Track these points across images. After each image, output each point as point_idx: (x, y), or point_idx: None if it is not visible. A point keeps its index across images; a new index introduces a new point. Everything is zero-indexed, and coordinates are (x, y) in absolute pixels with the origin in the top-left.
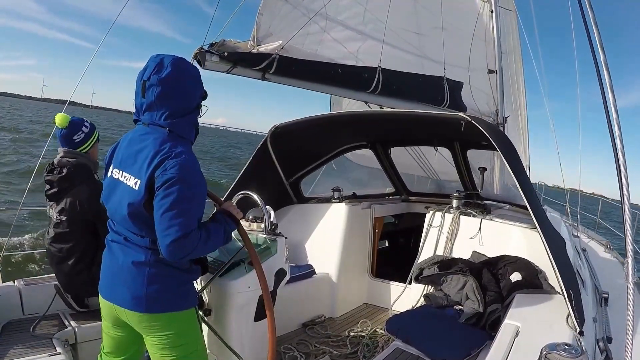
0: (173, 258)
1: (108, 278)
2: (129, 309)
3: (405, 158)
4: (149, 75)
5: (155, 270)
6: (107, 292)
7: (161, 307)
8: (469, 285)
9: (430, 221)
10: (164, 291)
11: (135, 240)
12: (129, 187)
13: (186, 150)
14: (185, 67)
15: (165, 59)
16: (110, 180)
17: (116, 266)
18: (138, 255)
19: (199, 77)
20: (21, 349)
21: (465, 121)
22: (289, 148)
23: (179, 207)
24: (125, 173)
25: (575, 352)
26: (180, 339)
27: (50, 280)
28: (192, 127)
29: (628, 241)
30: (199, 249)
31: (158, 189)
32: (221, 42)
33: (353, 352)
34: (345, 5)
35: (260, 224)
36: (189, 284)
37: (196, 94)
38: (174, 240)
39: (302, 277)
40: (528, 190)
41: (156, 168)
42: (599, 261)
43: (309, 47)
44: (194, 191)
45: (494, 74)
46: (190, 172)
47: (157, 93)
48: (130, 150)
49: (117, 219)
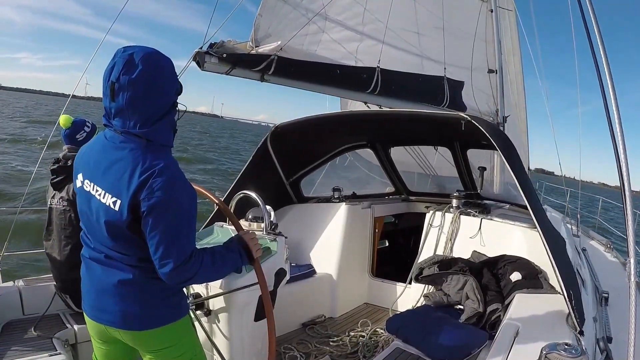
0: (172, 283)
1: (92, 298)
2: (122, 329)
3: (406, 158)
4: (117, 76)
5: (147, 287)
6: (94, 313)
7: (156, 322)
8: (468, 285)
9: (431, 221)
10: (157, 306)
11: (118, 258)
12: (106, 206)
13: (169, 162)
14: (158, 62)
15: (135, 55)
16: (82, 192)
17: (99, 285)
18: (124, 274)
19: (173, 70)
20: (21, 349)
21: (465, 121)
22: (289, 148)
23: (174, 232)
24: (97, 187)
25: (576, 352)
26: (178, 350)
27: (51, 281)
28: (171, 130)
29: (630, 241)
30: (201, 274)
31: (146, 213)
32: (220, 44)
33: (353, 352)
34: (344, 5)
35: (260, 223)
36: (180, 294)
37: (172, 91)
38: (172, 269)
39: (302, 277)
40: (528, 190)
41: (140, 188)
42: (599, 261)
43: (308, 48)
44: (184, 212)
45: (494, 73)
46: (179, 189)
47: (127, 98)
48: (101, 160)
49: (94, 235)
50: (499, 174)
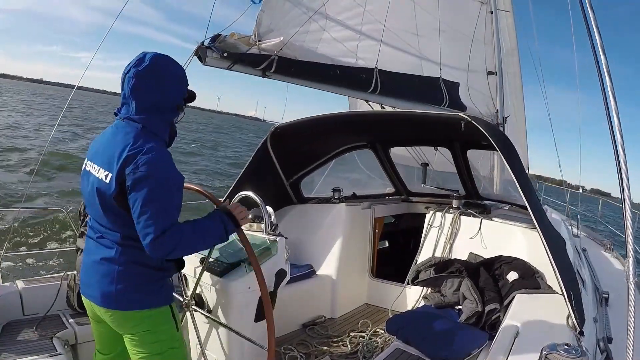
0: (156, 256)
1: (83, 274)
2: (100, 306)
3: (406, 155)
4: (129, 69)
5: (124, 268)
6: (83, 288)
7: (130, 304)
8: (464, 286)
9: (430, 221)
10: (134, 289)
11: (106, 235)
12: (99, 179)
13: (158, 146)
14: (165, 64)
15: (147, 55)
16: (84, 173)
17: (89, 262)
18: (108, 251)
19: (181, 77)
20: (21, 349)
21: (465, 121)
22: (289, 148)
23: (153, 206)
24: (95, 165)
25: (576, 352)
26: (153, 336)
27: (51, 281)
28: (167, 126)
29: (629, 241)
30: (182, 245)
31: (130, 188)
32: (222, 39)
33: (353, 352)
34: (345, 5)
35: (260, 224)
36: (161, 282)
37: (174, 92)
38: (153, 239)
39: (302, 277)
40: (528, 190)
41: (126, 162)
42: (599, 261)
43: (309, 45)
44: (167, 187)
45: (494, 75)
46: (162, 167)
47: (131, 85)
48: (103, 143)
49: (91, 212)
50: (499, 174)
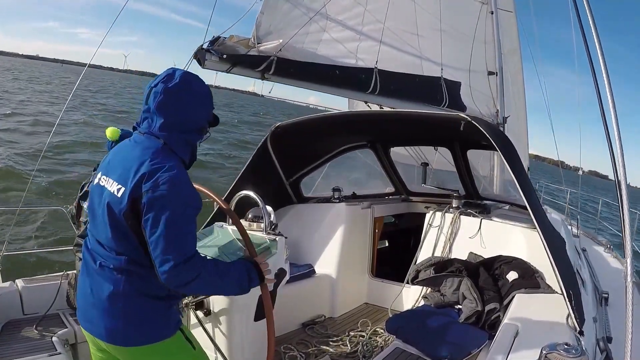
0: (171, 285)
1: (82, 306)
2: (107, 343)
3: (406, 159)
4: (157, 83)
5: (129, 301)
6: (84, 322)
7: (141, 339)
8: (463, 285)
9: (430, 221)
10: (142, 323)
11: (108, 260)
12: (111, 193)
13: (178, 164)
14: (193, 84)
15: (177, 72)
16: (96, 188)
17: (89, 293)
18: (112, 283)
19: (207, 99)
20: (21, 348)
21: (465, 121)
22: (289, 148)
23: (177, 229)
24: (109, 179)
25: (576, 352)
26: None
27: (51, 280)
28: (188, 146)
29: (627, 241)
30: (201, 279)
31: (147, 206)
32: (221, 42)
33: (353, 352)
34: (345, 5)
35: (260, 223)
36: (170, 310)
37: (199, 114)
38: (173, 266)
39: (302, 276)
40: (528, 190)
41: (144, 179)
42: (599, 261)
43: (309, 46)
44: (189, 211)
45: (494, 75)
46: (185, 189)
47: (158, 101)
48: (119, 157)
49: (96, 232)
50: (499, 174)
